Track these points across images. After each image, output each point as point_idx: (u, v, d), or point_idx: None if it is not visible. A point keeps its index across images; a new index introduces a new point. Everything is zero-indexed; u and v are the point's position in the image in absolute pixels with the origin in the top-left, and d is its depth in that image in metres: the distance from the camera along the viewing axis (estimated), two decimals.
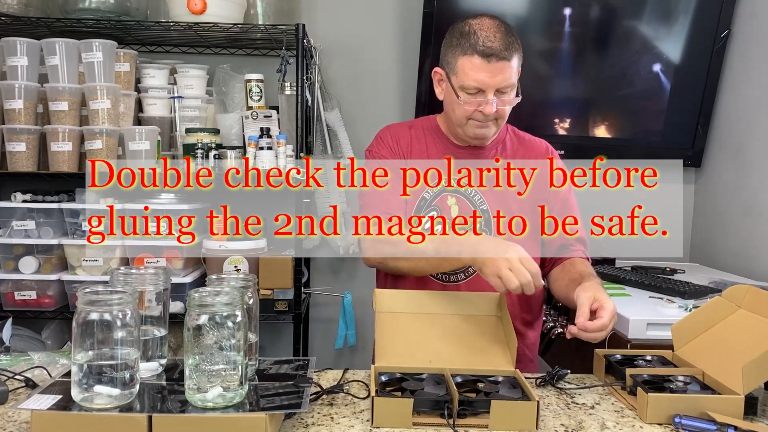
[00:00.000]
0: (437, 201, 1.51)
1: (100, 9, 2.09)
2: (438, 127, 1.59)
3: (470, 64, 1.38)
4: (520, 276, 1.19)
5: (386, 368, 1.17)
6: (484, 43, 1.37)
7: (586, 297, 1.27)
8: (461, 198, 1.52)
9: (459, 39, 1.41)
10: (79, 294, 0.97)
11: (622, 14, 2.37)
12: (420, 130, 1.59)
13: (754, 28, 2.27)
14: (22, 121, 2.05)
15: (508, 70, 1.39)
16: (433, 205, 1.51)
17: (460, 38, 1.41)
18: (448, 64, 1.44)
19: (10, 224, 2.06)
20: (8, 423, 1.02)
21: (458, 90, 1.42)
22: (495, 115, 1.42)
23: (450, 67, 1.43)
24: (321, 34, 2.44)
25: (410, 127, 1.60)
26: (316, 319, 2.57)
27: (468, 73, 1.39)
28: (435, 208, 1.51)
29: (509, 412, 1.02)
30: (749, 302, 1.23)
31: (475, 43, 1.37)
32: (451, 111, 1.48)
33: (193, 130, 2.17)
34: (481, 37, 1.38)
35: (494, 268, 1.21)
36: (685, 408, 1.06)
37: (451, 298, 1.33)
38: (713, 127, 2.47)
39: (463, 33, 1.41)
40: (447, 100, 1.49)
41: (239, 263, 2.09)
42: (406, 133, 1.58)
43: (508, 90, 1.41)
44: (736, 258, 2.28)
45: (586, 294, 1.28)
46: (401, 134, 1.58)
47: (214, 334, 0.96)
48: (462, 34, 1.41)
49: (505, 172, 1.54)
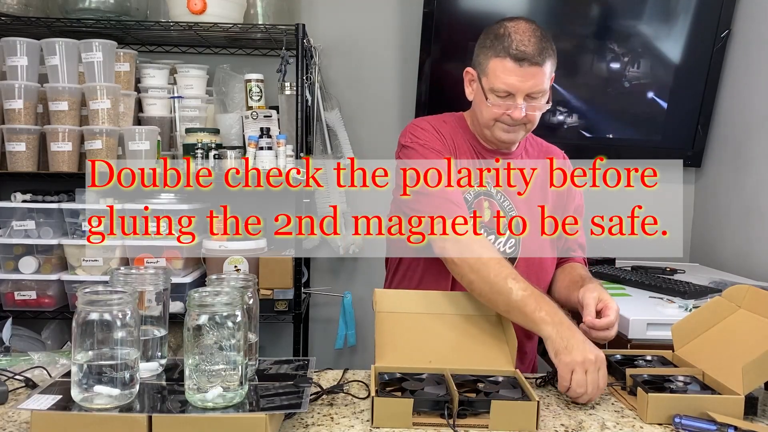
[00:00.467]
0: (476, 203, 1.46)
1: (100, 9, 2.09)
2: (467, 127, 1.53)
3: (502, 66, 1.36)
4: (591, 384, 1.14)
5: (386, 368, 1.17)
6: (518, 46, 1.34)
7: (592, 297, 1.29)
8: (493, 203, 1.47)
9: (493, 41, 1.38)
10: (79, 294, 0.96)
11: (622, 14, 2.37)
12: (454, 126, 1.52)
13: (754, 28, 2.27)
14: (22, 121, 2.05)
15: (539, 75, 1.36)
16: (471, 207, 1.45)
17: (494, 40, 1.38)
18: (479, 65, 1.41)
19: (10, 224, 2.06)
20: (8, 423, 1.02)
21: (487, 92, 1.39)
22: (524, 120, 1.39)
23: (481, 68, 1.40)
24: (321, 34, 2.44)
25: (444, 122, 1.52)
26: (316, 319, 2.57)
27: (499, 75, 1.36)
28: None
29: (509, 412, 1.02)
30: (749, 302, 1.23)
31: (509, 46, 1.35)
32: (479, 112, 1.44)
33: (193, 130, 2.17)
34: (515, 40, 1.35)
35: (572, 362, 1.14)
36: (685, 408, 1.06)
37: (451, 298, 1.33)
38: (713, 127, 2.47)
39: (498, 35, 1.38)
40: (476, 100, 1.45)
41: (239, 263, 2.09)
42: (445, 127, 1.50)
43: (538, 96, 1.38)
44: (736, 258, 2.28)
45: (591, 294, 1.29)
46: (441, 127, 1.49)
47: (214, 334, 0.96)
48: (496, 36, 1.38)
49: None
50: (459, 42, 2.35)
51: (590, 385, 1.13)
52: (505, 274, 1.26)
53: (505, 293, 1.25)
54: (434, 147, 1.44)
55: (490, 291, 1.27)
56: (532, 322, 1.22)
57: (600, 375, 1.15)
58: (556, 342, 1.18)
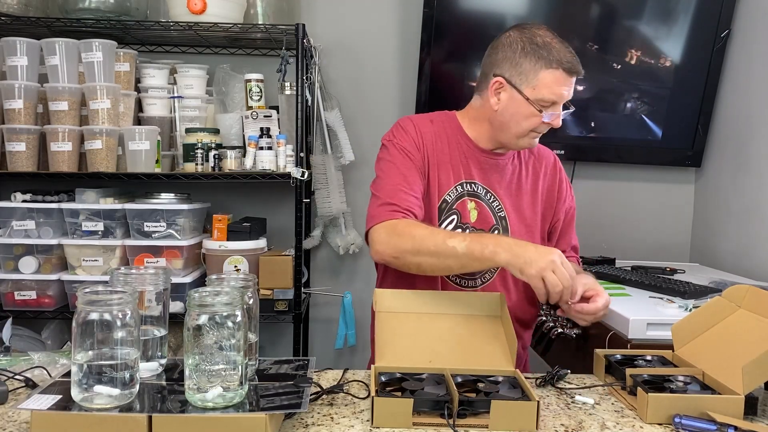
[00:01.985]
0: (458, 205, 1.47)
1: (100, 9, 2.09)
2: (460, 127, 1.52)
3: (553, 77, 1.37)
4: (564, 279, 1.19)
5: (386, 368, 1.17)
6: (568, 58, 1.37)
7: (582, 283, 1.30)
8: (480, 203, 1.48)
9: (537, 50, 1.37)
10: (79, 294, 0.96)
11: (622, 14, 2.37)
12: (441, 126, 1.51)
13: (754, 28, 2.27)
14: (22, 121, 2.05)
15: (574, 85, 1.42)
16: (453, 209, 1.47)
17: (539, 49, 1.37)
18: (521, 75, 1.39)
19: (10, 224, 2.06)
20: (8, 423, 1.02)
21: (535, 102, 1.38)
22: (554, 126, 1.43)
23: (525, 78, 1.39)
24: (321, 34, 2.44)
25: (431, 121, 1.52)
26: (316, 319, 2.57)
27: (551, 86, 1.37)
28: (455, 212, 1.47)
29: (509, 412, 1.02)
30: (749, 302, 1.23)
31: (560, 58, 1.36)
32: (513, 122, 1.42)
33: (193, 130, 2.17)
34: (560, 51, 1.37)
35: (538, 270, 1.19)
36: (685, 408, 1.06)
37: (451, 298, 1.33)
38: (713, 127, 2.47)
39: (539, 44, 1.38)
40: (510, 110, 1.42)
41: (239, 263, 2.09)
42: (429, 127, 1.50)
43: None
44: (736, 258, 2.28)
45: (582, 280, 1.31)
46: (424, 127, 1.49)
47: (214, 334, 0.96)
48: (539, 46, 1.38)
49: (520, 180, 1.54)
50: (459, 42, 2.35)
51: (563, 280, 1.19)
52: (442, 238, 1.30)
53: (451, 254, 1.27)
54: (405, 148, 1.45)
55: (438, 260, 1.30)
56: (487, 261, 1.27)
57: (566, 268, 1.20)
58: (515, 262, 1.22)
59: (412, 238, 1.30)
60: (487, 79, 1.45)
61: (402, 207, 1.36)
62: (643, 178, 2.59)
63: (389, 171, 1.43)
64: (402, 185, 1.40)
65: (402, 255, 1.32)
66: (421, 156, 1.45)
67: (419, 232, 1.31)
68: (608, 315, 1.62)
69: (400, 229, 1.32)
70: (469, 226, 1.47)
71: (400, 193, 1.39)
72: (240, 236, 2.11)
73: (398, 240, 1.32)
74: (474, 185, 1.49)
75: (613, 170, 2.57)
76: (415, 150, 1.45)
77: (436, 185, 1.46)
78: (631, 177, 2.58)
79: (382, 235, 1.34)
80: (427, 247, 1.29)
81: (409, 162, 1.43)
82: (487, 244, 1.26)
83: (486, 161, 1.51)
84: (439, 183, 1.46)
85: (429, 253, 1.29)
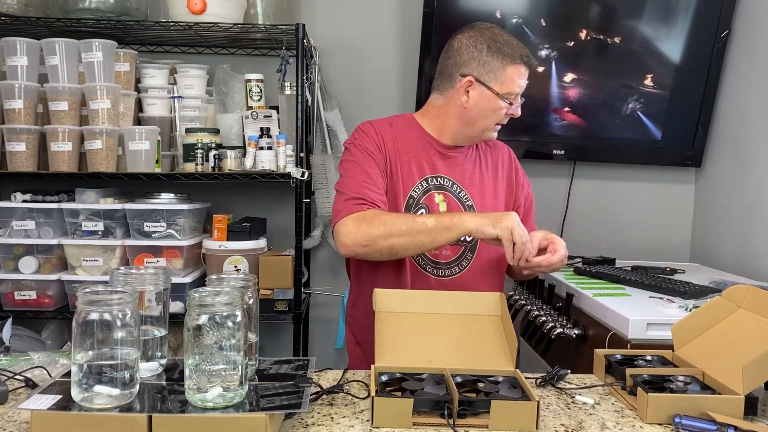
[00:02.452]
0: (425, 199, 1.55)
1: (100, 9, 2.09)
2: (419, 125, 1.62)
3: (518, 72, 1.49)
4: (524, 234, 1.35)
5: (386, 368, 1.17)
6: (526, 53, 1.50)
7: (537, 237, 1.43)
8: (448, 195, 1.56)
9: (502, 48, 1.49)
10: (79, 294, 0.96)
11: (622, 14, 2.37)
12: (401, 127, 1.60)
13: (754, 28, 2.27)
14: (22, 121, 2.05)
15: None
16: (421, 204, 1.54)
17: (503, 47, 1.49)
18: (489, 72, 1.50)
19: (10, 224, 2.06)
20: (8, 423, 1.02)
21: (504, 96, 1.50)
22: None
23: (494, 75, 1.50)
24: (321, 34, 2.44)
25: (390, 123, 1.61)
26: (316, 319, 2.57)
27: (516, 80, 1.49)
28: (423, 206, 1.54)
29: (509, 412, 1.02)
30: (749, 302, 1.23)
31: (520, 53, 1.49)
32: (482, 117, 1.53)
33: (193, 130, 2.17)
34: (519, 47, 1.50)
35: (509, 222, 1.34)
36: (685, 408, 1.06)
37: (451, 298, 1.33)
38: (713, 127, 2.47)
39: (502, 43, 1.49)
40: (480, 106, 1.53)
41: (239, 263, 2.09)
42: (389, 129, 1.59)
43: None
44: (736, 258, 2.28)
45: (537, 235, 1.44)
46: (384, 129, 1.58)
47: (214, 334, 0.96)
48: (502, 44, 1.49)
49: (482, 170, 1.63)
50: None
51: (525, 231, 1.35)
52: (411, 218, 1.41)
53: (422, 229, 1.38)
54: (367, 148, 1.53)
55: (411, 238, 1.38)
56: (457, 228, 1.38)
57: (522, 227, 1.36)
58: (485, 221, 1.37)
59: (382, 223, 1.39)
60: (452, 78, 1.55)
61: (368, 200, 1.44)
62: (643, 178, 2.59)
63: (353, 170, 1.51)
64: (366, 181, 1.48)
65: (373, 241, 1.39)
66: (383, 156, 1.53)
67: (388, 218, 1.41)
68: (608, 315, 1.63)
69: (369, 217, 1.40)
70: None
71: (365, 189, 1.47)
72: (240, 236, 2.11)
73: (368, 227, 1.39)
74: (440, 178, 1.57)
75: (613, 170, 2.57)
76: (376, 150, 1.53)
77: (400, 183, 1.54)
78: (631, 177, 2.58)
79: (350, 226, 1.40)
80: (399, 228, 1.37)
81: (371, 161, 1.51)
82: (455, 214, 1.42)
83: (449, 155, 1.60)
84: (404, 181, 1.54)
85: (401, 233, 1.37)
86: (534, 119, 2.40)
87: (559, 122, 2.44)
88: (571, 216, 2.54)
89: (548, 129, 2.43)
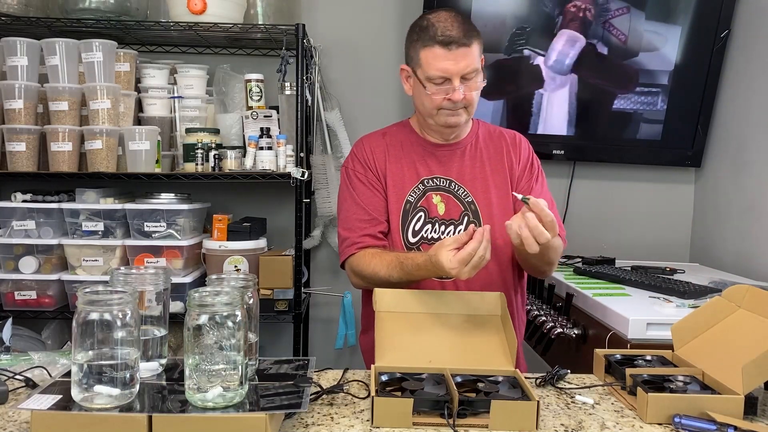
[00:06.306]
0: (422, 202, 1.54)
1: (100, 9, 2.09)
2: (413, 130, 1.62)
3: (432, 54, 1.43)
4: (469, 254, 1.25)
5: (386, 368, 1.17)
6: (443, 32, 1.42)
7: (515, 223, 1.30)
8: (446, 195, 1.55)
9: (419, 33, 1.46)
10: (79, 294, 0.97)
11: (623, 14, 2.37)
12: (394, 136, 1.61)
13: (754, 28, 2.27)
14: (22, 121, 2.05)
15: (470, 55, 1.42)
16: (419, 207, 1.53)
17: (420, 32, 1.46)
18: (411, 59, 1.49)
19: (10, 224, 2.06)
20: (8, 423, 1.02)
21: (425, 81, 1.45)
22: (464, 102, 1.46)
23: (414, 62, 1.48)
24: (321, 34, 2.44)
25: (384, 134, 1.63)
26: (316, 319, 2.57)
27: (431, 63, 1.43)
28: (421, 209, 1.53)
29: (509, 412, 1.02)
30: (749, 302, 1.23)
31: (434, 34, 1.42)
32: (420, 105, 1.52)
33: (193, 130, 2.17)
34: (439, 27, 1.43)
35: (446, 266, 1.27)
36: (685, 408, 1.06)
37: (451, 298, 1.33)
38: (713, 127, 2.47)
39: (422, 27, 1.46)
40: (416, 94, 1.53)
41: (239, 263, 2.09)
42: (381, 141, 1.60)
43: (472, 76, 1.44)
44: (736, 258, 2.28)
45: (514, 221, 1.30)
46: (376, 145, 1.60)
47: (214, 334, 0.97)
48: (421, 29, 1.46)
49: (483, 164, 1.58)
50: None
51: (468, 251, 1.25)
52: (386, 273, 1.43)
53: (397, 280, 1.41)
54: (357, 171, 1.57)
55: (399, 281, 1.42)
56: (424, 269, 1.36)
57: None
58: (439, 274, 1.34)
59: (363, 278, 1.49)
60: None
61: (355, 239, 1.51)
62: (643, 178, 2.59)
63: (344, 201, 1.58)
64: (357, 213, 1.53)
65: (368, 285, 1.49)
66: (373, 173, 1.56)
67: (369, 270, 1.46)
68: (608, 315, 1.63)
69: (357, 268, 1.49)
70: (437, 218, 1.53)
71: (355, 222, 1.53)
72: (240, 236, 2.11)
73: (359, 280, 1.52)
74: (437, 179, 1.56)
75: (613, 170, 2.57)
76: (366, 170, 1.57)
77: (395, 191, 1.54)
78: (631, 177, 2.58)
79: (349, 273, 1.54)
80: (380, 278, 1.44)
81: (362, 187, 1.55)
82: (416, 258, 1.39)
83: (443, 154, 1.58)
84: (400, 187, 1.55)
85: (382, 283, 1.41)
86: (534, 119, 2.40)
87: (559, 122, 2.44)
88: (570, 216, 2.54)
89: (549, 129, 2.43)
